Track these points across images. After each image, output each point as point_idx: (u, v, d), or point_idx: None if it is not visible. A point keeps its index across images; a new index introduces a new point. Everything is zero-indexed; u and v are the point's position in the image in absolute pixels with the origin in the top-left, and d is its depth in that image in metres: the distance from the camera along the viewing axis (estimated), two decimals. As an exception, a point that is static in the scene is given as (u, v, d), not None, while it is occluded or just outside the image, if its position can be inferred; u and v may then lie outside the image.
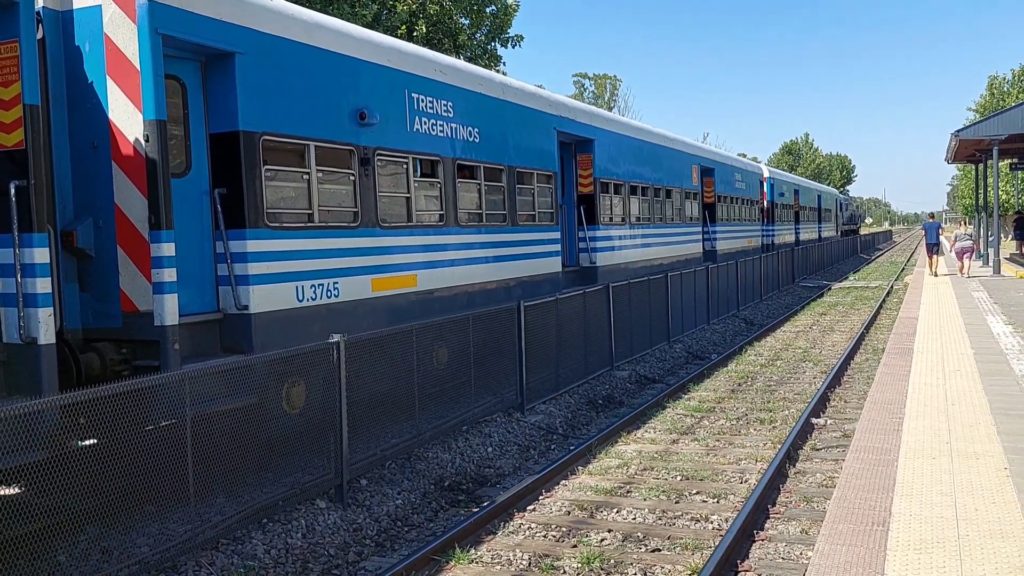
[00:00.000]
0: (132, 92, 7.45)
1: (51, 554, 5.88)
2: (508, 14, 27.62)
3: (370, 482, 8.50)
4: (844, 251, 52.47)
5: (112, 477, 5.79)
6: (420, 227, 11.04)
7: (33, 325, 6.43)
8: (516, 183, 13.57)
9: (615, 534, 7.28)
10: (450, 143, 11.72)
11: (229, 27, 8.20)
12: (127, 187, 7.56)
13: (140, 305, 7.53)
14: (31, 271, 6.49)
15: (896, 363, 11.93)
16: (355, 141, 9.81)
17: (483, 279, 12.49)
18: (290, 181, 8.98)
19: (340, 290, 9.46)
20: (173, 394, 6.31)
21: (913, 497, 6.29)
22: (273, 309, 8.52)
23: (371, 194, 10.04)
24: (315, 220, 9.20)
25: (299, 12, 9.44)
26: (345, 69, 9.80)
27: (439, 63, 12.01)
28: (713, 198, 26.50)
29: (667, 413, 11.78)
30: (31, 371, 6.47)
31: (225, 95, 8.24)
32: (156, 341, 7.39)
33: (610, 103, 73.21)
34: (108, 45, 7.56)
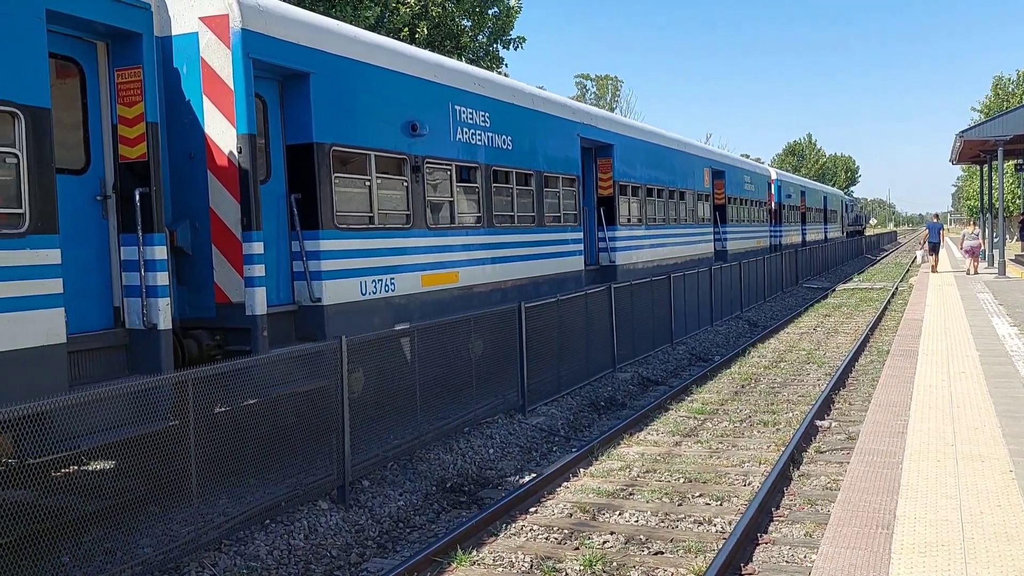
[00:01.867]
0: (226, 109, 8.40)
1: (55, 555, 5.88)
2: (510, 16, 27.61)
3: (372, 483, 8.49)
4: (848, 252, 52.37)
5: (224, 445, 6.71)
6: (461, 228, 12.10)
7: (154, 313, 7.31)
8: (543, 187, 14.54)
9: (617, 536, 7.26)
10: (487, 151, 12.78)
11: (304, 50, 9.20)
12: (221, 193, 8.48)
13: (232, 297, 8.46)
14: (152, 266, 7.38)
15: (901, 365, 11.89)
16: (408, 151, 10.82)
17: (515, 276, 13.49)
18: (354, 187, 9.97)
19: (396, 285, 10.47)
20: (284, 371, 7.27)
21: (918, 500, 6.26)
22: (341, 301, 9.49)
23: (421, 198, 11.05)
24: (375, 222, 10.23)
25: (361, 34, 10.67)
26: (399, 85, 10.80)
27: (477, 77, 13.10)
28: (724, 200, 27.36)
29: (670, 415, 11.76)
30: (151, 353, 7.29)
31: (301, 111, 9.26)
32: (247, 329, 8.37)
33: (612, 104, 73.19)
34: (204, 68, 8.48)
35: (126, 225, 7.37)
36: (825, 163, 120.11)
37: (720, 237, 27.03)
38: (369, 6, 21.72)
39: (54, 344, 6.32)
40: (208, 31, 8.42)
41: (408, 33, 23.72)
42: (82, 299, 7.01)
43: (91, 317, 7.19)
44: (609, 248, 17.80)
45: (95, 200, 7.37)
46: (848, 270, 44.29)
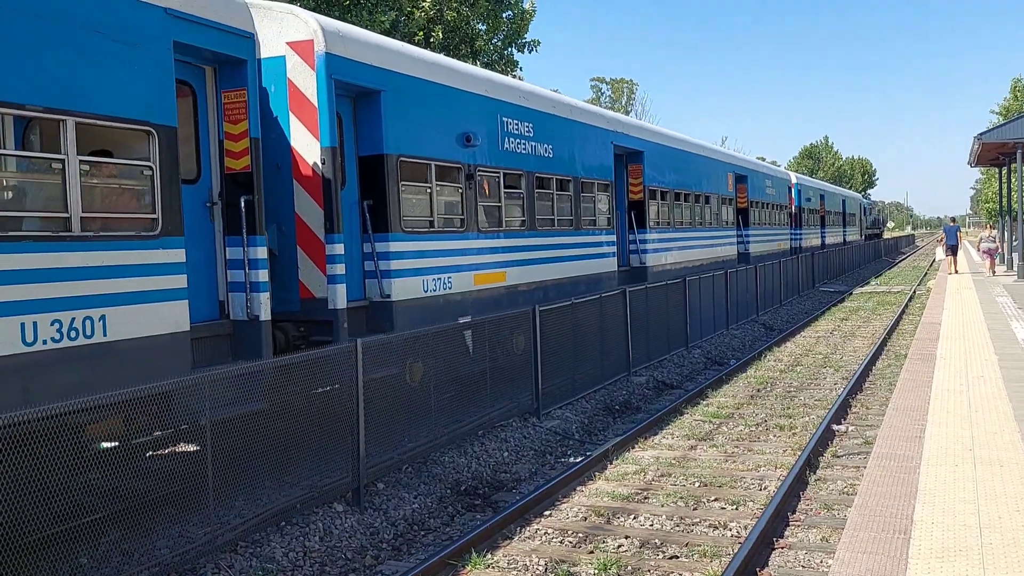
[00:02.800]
0: (310, 124, 9.37)
1: (73, 556, 5.93)
2: (525, 20, 27.61)
3: (387, 486, 8.52)
4: (866, 255, 52.03)
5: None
6: (508, 231, 12.99)
7: (256, 305, 8.23)
8: (581, 192, 15.41)
9: (632, 540, 7.24)
10: (530, 159, 13.70)
11: (376, 70, 10.14)
12: (306, 200, 9.41)
13: (316, 293, 9.40)
14: (255, 264, 8.29)
15: (919, 369, 11.80)
16: (462, 160, 11.75)
17: (555, 276, 14.36)
18: (417, 193, 10.89)
19: (452, 283, 11.38)
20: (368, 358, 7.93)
21: (935, 505, 6.21)
22: (407, 298, 10.43)
23: (473, 204, 11.95)
24: (435, 226, 11.16)
25: (424, 54, 11.75)
26: (456, 100, 11.73)
27: (522, 90, 14.08)
28: (746, 203, 28.09)
29: (685, 419, 11.72)
30: (253, 341, 8.21)
31: (372, 125, 10.19)
32: (329, 321, 9.27)
33: (627, 107, 73.10)
34: (291, 87, 9.44)
35: (230, 228, 8.30)
36: (842, 166, 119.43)
37: (743, 240, 27.70)
38: (385, 10, 21.80)
39: (182, 332, 7.29)
40: (295, 54, 9.43)
41: (423, 37, 23.78)
42: (197, 293, 7.78)
43: (203, 309, 8.03)
44: (639, 250, 18.66)
45: (205, 206, 8.27)
46: (865, 273, 44.00)
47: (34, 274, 6.11)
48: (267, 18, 9.36)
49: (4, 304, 5.86)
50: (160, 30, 7.22)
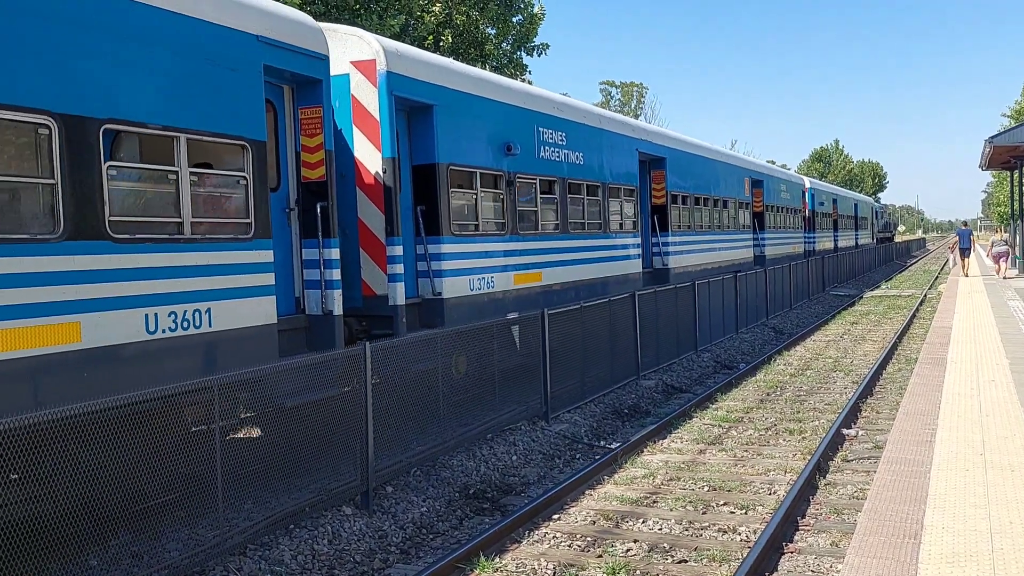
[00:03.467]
0: (372, 137, 10.23)
1: (83, 558, 5.95)
2: (534, 23, 27.64)
3: (396, 489, 8.52)
4: (876, 259, 51.82)
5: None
6: (543, 234, 13.84)
7: (330, 301, 9.11)
8: (609, 197, 16.29)
9: (641, 544, 7.23)
10: (563, 166, 14.56)
11: (429, 86, 10.98)
12: (368, 205, 10.30)
13: (377, 291, 10.29)
14: (329, 264, 9.15)
15: (929, 373, 11.74)
16: (503, 168, 12.58)
17: (586, 276, 15.18)
18: (464, 199, 11.75)
19: (495, 283, 12.25)
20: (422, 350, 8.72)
21: (946, 509, 6.18)
22: (456, 296, 11.28)
23: (513, 208, 12.79)
24: (479, 229, 12.02)
25: (470, 71, 12.73)
26: (498, 112, 12.59)
27: (556, 101, 14.91)
28: (762, 207, 28.92)
29: (694, 423, 11.69)
30: (327, 334, 9.07)
31: (426, 136, 11.01)
32: (389, 317, 10.19)
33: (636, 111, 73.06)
34: (354, 103, 10.29)
35: (305, 232, 9.17)
36: (852, 169, 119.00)
37: (759, 243, 28.47)
38: (394, 15, 21.87)
39: (271, 324, 8.19)
40: (358, 73, 10.26)
41: (433, 41, 23.84)
42: (279, 290, 8.51)
43: (284, 305, 8.76)
44: (662, 253, 19.56)
45: (284, 212, 9.08)
46: (875, 277, 43.82)
47: (155, 272, 7.06)
48: (332, 39, 9.90)
49: (133, 298, 6.84)
50: (254, 55, 8.16)
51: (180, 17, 7.35)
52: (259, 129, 8.14)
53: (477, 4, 25.14)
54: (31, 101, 6.12)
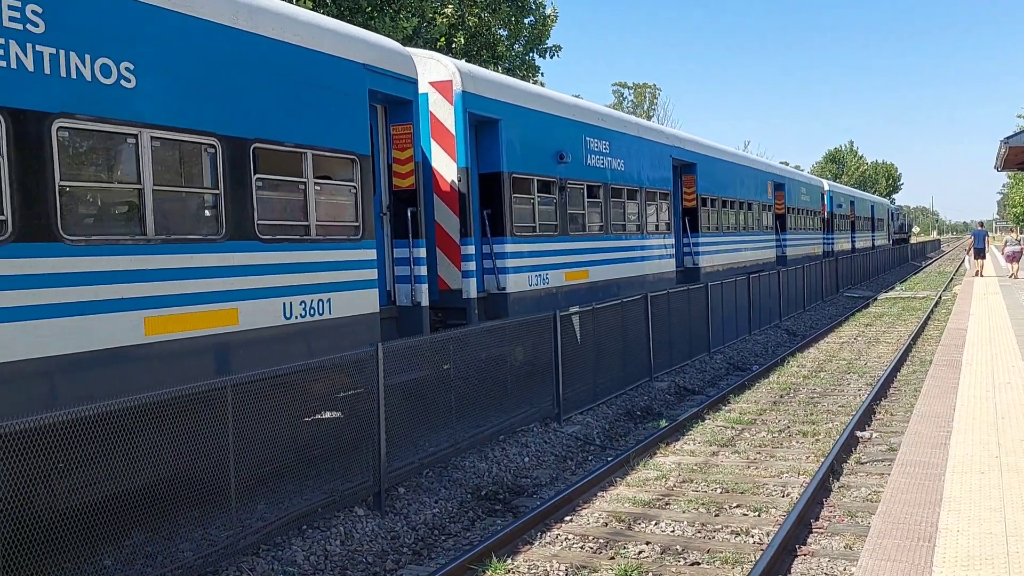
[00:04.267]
0: (448, 149, 11.53)
1: (97, 558, 5.99)
2: (546, 25, 27.65)
3: (408, 490, 8.54)
4: (890, 261, 51.53)
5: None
6: (589, 235, 15.00)
7: (419, 294, 10.45)
8: (646, 200, 17.54)
9: (653, 547, 7.21)
10: (607, 172, 15.77)
11: (495, 103, 12.25)
12: (444, 210, 11.65)
13: (452, 285, 11.61)
14: (417, 261, 10.45)
15: (944, 375, 11.66)
16: (556, 174, 13.88)
17: (626, 274, 16.45)
18: (524, 204, 12.95)
19: (549, 279, 13.41)
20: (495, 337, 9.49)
21: (961, 512, 6.13)
22: (518, 290, 12.48)
23: (564, 211, 14.02)
24: (536, 231, 13.22)
25: (529, 88, 14.40)
26: (551, 124, 13.88)
27: (601, 113, 16.43)
28: (783, 210, 30.17)
29: (707, 425, 11.66)
30: (415, 323, 10.40)
31: (492, 147, 12.26)
32: (463, 308, 11.54)
33: (649, 112, 72.95)
34: (432, 119, 11.52)
35: (396, 233, 10.48)
36: (866, 170, 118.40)
37: (781, 244, 29.67)
38: (407, 17, 21.92)
39: (374, 312, 9.48)
40: (436, 92, 11.48)
41: (445, 43, 23.88)
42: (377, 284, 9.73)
43: (380, 297, 9.78)
44: (693, 252, 20.75)
45: (379, 216, 10.20)
46: (889, 279, 43.55)
47: (290, 267, 8.30)
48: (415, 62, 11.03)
49: (275, 289, 8.07)
50: (361, 81, 9.48)
51: (306, 51, 8.70)
52: (365, 145, 9.49)
53: (489, 6, 25.17)
54: (203, 125, 7.41)
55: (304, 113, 8.62)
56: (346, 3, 21.35)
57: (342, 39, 9.33)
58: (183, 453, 6.32)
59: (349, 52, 9.36)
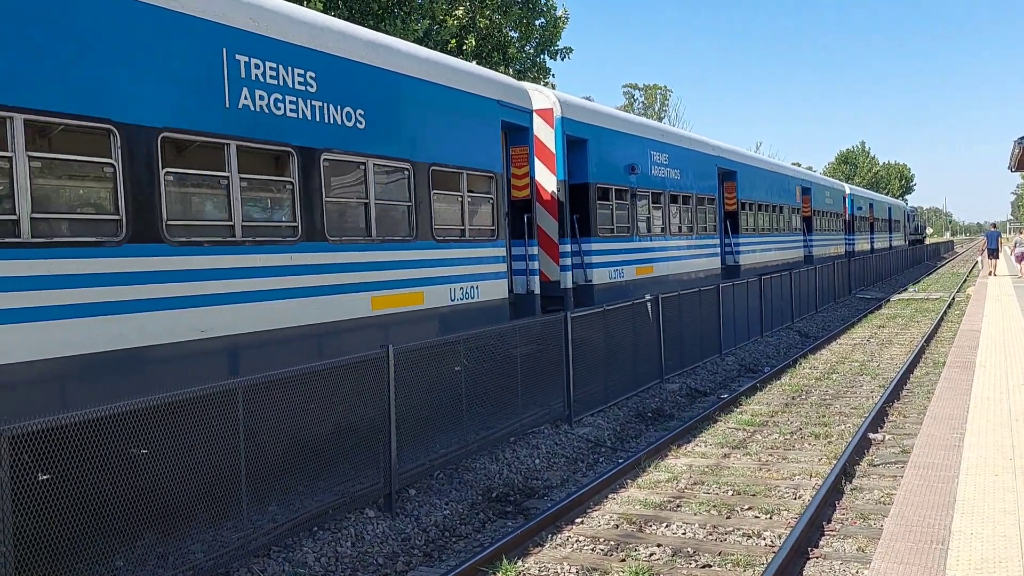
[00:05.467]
0: (549, 165, 13.93)
1: (109, 559, 6.02)
2: (557, 27, 27.62)
3: (418, 492, 8.54)
4: (903, 262, 51.25)
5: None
6: (653, 236, 17.58)
7: (532, 284, 12.97)
8: (697, 205, 20.07)
9: (664, 549, 7.19)
10: (666, 181, 18.39)
11: (584, 125, 14.82)
12: (545, 216, 13.89)
13: (551, 277, 13.85)
14: (532, 258, 12.96)
15: (957, 377, 11.59)
16: (629, 184, 16.44)
17: (682, 270, 19.07)
18: (605, 209, 15.46)
19: (624, 273, 16.05)
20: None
21: (974, 515, 6.09)
22: (602, 282, 15.08)
23: (635, 215, 16.69)
24: (614, 232, 15.79)
25: (610, 111, 17.28)
26: (626, 142, 16.50)
27: (662, 130, 19.69)
28: (810, 212, 32.58)
29: (718, 427, 11.62)
30: (530, 307, 12.84)
31: (581, 162, 14.70)
32: (560, 297, 13.80)
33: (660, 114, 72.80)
34: (536, 140, 13.60)
35: (513, 234, 12.68)
36: (879, 171, 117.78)
37: (808, 244, 31.97)
38: (418, 19, 21.96)
39: (504, 298, 12.04)
40: (539, 118, 13.69)
41: (456, 45, 23.91)
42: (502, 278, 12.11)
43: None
44: (734, 252, 23.08)
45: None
46: (902, 280, 43.30)
47: (454, 261, 10.91)
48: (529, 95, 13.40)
49: (444, 277, 10.65)
50: (496, 114, 12.01)
51: (462, 93, 11.23)
52: (499, 164, 12.10)
53: (500, 8, 25.18)
54: (401, 154, 9.99)
55: (461, 141, 11.22)
56: (357, 5, 21.41)
57: (484, 81, 12.00)
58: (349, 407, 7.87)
59: (488, 91, 11.95)
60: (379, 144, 9.59)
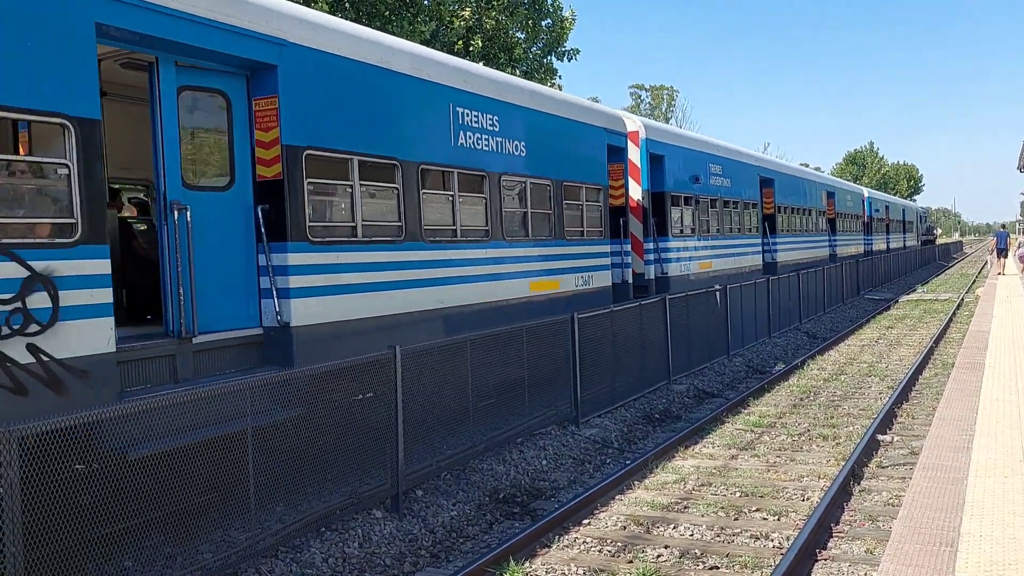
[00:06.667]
0: (636, 177, 17.09)
1: (118, 560, 6.04)
2: (564, 28, 27.62)
3: (425, 493, 8.55)
4: (911, 263, 51.07)
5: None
6: (711, 235, 20.52)
7: (627, 275, 16.23)
8: (743, 209, 23.33)
9: (672, 550, 7.18)
10: (721, 189, 21.42)
11: (662, 144, 17.99)
12: (633, 219, 16.98)
13: (637, 270, 16.82)
14: (626, 254, 16.23)
15: (966, 378, 11.54)
16: (694, 192, 19.54)
17: (734, 266, 21.90)
18: (676, 213, 18.57)
19: (690, 267, 19.07)
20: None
21: (983, 517, 6.07)
22: (675, 275, 18.00)
23: (698, 219, 19.72)
24: (683, 232, 18.90)
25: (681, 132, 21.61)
26: (690, 156, 19.62)
27: (718, 145, 22.51)
28: (834, 214, 35.74)
29: (726, 428, 11.59)
30: (624, 293, 15.84)
31: (659, 175, 17.77)
32: (644, 286, 16.92)
33: (667, 115, 72.69)
34: (627, 158, 16.78)
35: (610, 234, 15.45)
36: (887, 172, 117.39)
37: (832, 244, 35.02)
38: (424, 21, 21.99)
39: (608, 286, 15.09)
40: (628, 139, 16.78)
41: (463, 46, 23.93)
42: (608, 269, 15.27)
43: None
44: (772, 250, 25.88)
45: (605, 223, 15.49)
46: (911, 280, 43.15)
47: (577, 255, 13.94)
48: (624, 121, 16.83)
49: (571, 268, 13.71)
50: (603, 139, 15.22)
51: (581, 123, 14.53)
52: (605, 178, 15.22)
53: (507, 9, 25.19)
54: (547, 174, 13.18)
55: (581, 161, 14.35)
56: (364, 8, 21.45)
57: (595, 114, 15.42)
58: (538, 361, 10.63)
59: (598, 121, 15.19)
60: (533, 167, 12.84)
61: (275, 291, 8.18)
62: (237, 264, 8.18)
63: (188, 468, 6.25)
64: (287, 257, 8.30)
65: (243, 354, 8.12)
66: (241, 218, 8.23)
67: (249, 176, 8.30)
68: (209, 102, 8.07)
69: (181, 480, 6.22)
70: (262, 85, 8.28)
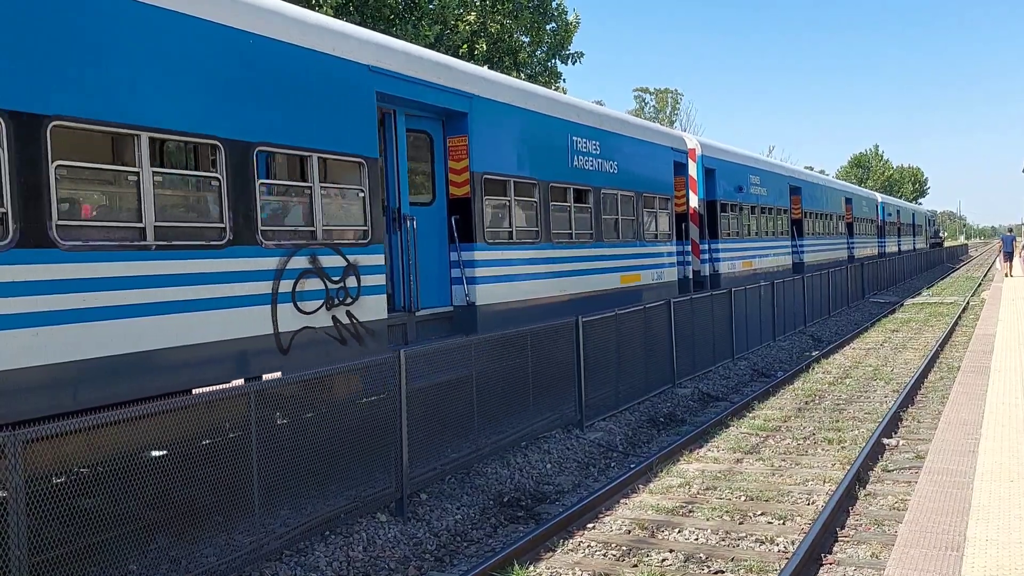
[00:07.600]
0: (693, 188, 19.92)
1: (123, 563, 6.04)
2: (568, 31, 27.65)
3: (430, 496, 8.54)
4: (917, 266, 50.97)
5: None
6: (752, 237, 23.93)
7: (688, 272, 19.34)
8: (776, 215, 26.61)
9: (676, 554, 7.16)
10: (759, 197, 24.66)
11: (714, 159, 21.10)
12: (692, 226, 19.77)
13: (694, 268, 19.94)
14: (687, 254, 19.35)
15: (972, 382, 11.51)
16: (738, 200, 22.75)
17: (770, 265, 25.17)
18: (728, 218, 21.77)
19: (736, 266, 22.02)
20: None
21: (989, 521, 6.04)
22: (724, 272, 21.01)
23: (741, 223, 22.83)
24: (740, 234, 22.58)
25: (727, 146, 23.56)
26: (736, 169, 22.77)
27: (758, 159, 26.64)
28: (851, 219, 39.27)
29: (731, 432, 11.57)
30: (686, 287, 18.68)
31: (711, 186, 20.81)
32: (701, 282, 19.75)
33: (671, 118, 72.67)
34: (688, 172, 19.57)
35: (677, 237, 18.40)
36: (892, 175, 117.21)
37: (850, 246, 38.53)
38: (429, 24, 22.03)
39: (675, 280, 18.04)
40: (688, 156, 19.55)
41: (467, 50, 23.96)
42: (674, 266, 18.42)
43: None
44: (798, 251, 28.84)
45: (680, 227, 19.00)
46: (917, 284, 43.06)
47: (653, 255, 16.93)
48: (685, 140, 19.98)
49: (648, 264, 16.64)
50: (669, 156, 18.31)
51: (654, 145, 17.52)
52: (671, 189, 18.33)
53: (511, 12, 25.22)
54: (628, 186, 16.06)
55: (655, 175, 17.38)
56: (369, 11, 21.50)
57: (665, 135, 18.74)
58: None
59: (666, 142, 18.30)
60: (622, 182, 15.72)
61: (464, 279, 11.22)
62: (440, 259, 11.23)
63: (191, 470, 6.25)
64: (474, 254, 11.35)
65: (440, 325, 11.06)
66: (439, 226, 11.28)
67: (443, 194, 11.32)
68: (419, 140, 11.13)
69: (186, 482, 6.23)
70: (455, 127, 11.31)
